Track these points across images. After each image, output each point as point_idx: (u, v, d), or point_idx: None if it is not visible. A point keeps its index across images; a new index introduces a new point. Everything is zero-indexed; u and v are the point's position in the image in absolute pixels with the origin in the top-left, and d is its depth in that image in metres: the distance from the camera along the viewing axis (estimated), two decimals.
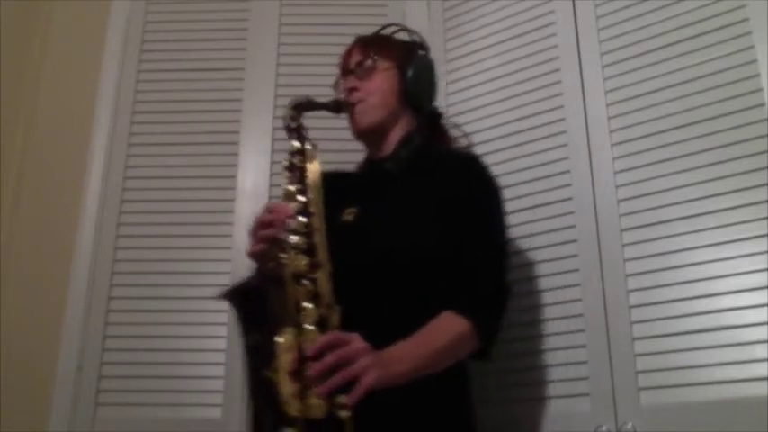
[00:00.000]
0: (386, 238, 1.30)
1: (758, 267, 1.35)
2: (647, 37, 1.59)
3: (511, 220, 1.65)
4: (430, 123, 1.52)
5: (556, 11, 1.74)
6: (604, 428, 1.40)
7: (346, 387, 1.06)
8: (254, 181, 1.84)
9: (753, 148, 1.41)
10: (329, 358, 1.06)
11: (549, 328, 1.53)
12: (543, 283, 1.57)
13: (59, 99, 1.99)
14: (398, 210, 1.34)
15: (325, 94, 1.85)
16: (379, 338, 1.13)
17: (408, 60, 1.48)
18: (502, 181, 1.68)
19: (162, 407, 1.69)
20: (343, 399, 1.06)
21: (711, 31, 1.51)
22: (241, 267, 1.75)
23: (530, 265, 1.60)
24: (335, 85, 1.53)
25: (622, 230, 1.50)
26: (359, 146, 1.52)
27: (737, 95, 1.45)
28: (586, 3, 1.69)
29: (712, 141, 1.45)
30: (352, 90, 1.45)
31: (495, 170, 1.69)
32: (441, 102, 1.85)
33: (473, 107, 1.80)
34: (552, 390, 1.49)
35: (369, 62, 1.47)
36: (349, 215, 1.36)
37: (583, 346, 1.48)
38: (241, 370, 1.66)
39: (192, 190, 1.86)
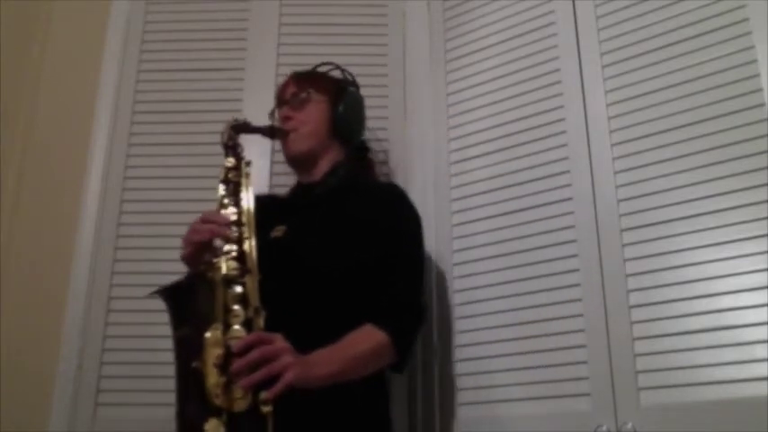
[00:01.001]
0: (311, 254, 1.41)
1: (758, 267, 1.35)
2: (647, 37, 1.59)
3: (511, 220, 1.65)
4: (357, 155, 1.66)
5: (556, 11, 1.74)
6: (604, 428, 1.40)
7: (268, 384, 1.14)
8: (254, 181, 1.83)
9: (753, 148, 1.41)
10: (254, 354, 1.15)
11: (549, 328, 1.53)
12: (543, 283, 1.57)
13: (59, 99, 1.99)
14: (324, 229, 1.46)
15: None
16: (302, 345, 1.21)
17: (339, 96, 1.62)
18: (502, 181, 1.70)
19: (162, 407, 1.68)
20: (265, 394, 1.13)
21: (711, 31, 1.51)
22: None
23: (530, 265, 1.60)
24: (271, 114, 1.66)
25: (622, 230, 1.50)
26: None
27: (737, 95, 1.45)
28: (586, 3, 1.69)
29: (712, 141, 1.45)
30: (286, 119, 1.58)
31: (495, 170, 1.72)
32: (441, 102, 1.86)
33: (473, 107, 1.80)
34: (552, 390, 1.49)
35: (303, 94, 1.60)
36: (278, 232, 1.46)
37: (583, 346, 1.48)
38: None
39: (191, 190, 1.85)
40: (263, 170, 1.85)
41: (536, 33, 1.76)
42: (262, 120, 1.88)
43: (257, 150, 1.86)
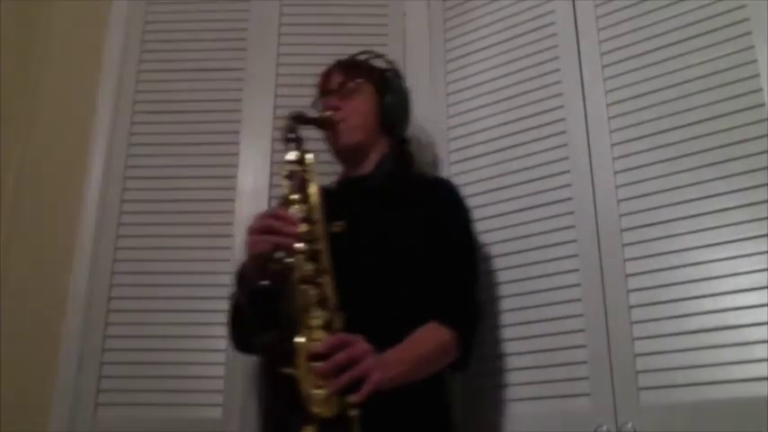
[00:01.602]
0: (373, 249, 1.39)
1: (758, 267, 1.35)
2: (647, 37, 1.59)
3: (511, 220, 1.65)
4: (400, 148, 1.61)
5: (556, 11, 1.74)
6: (604, 428, 1.40)
7: (353, 386, 1.12)
8: (254, 181, 1.84)
9: (753, 148, 1.41)
10: (340, 356, 1.12)
11: (549, 328, 1.53)
12: (543, 283, 1.57)
13: (59, 99, 1.99)
14: (383, 223, 1.43)
15: None
16: (371, 340, 1.18)
17: (388, 87, 1.59)
18: (502, 181, 1.70)
19: (162, 407, 1.69)
20: (353, 397, 1.11)
21: (711, 31, 1.51)
22: None
23: (530, 265, 1.60)
24: (313, 104, 1.59)
25: (622, 230, 1.50)
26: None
27: (737, 95, 1.45)
28: (586, 3, 1.69)
29: (712, 141, 1.45)
30: (334, 108, 1.53)
31: (495, 170, 1.72)
32: (441, 102, 1.86)
33: (473, 107, 1.80)
34: (552, 390, 1.49)
35: (351, 84, 1.55)
36: (337, 227, 1.40)
37: (583, 346, 1.48)
38: (241, 370, 1.67)
39: (192, 190, 1.85)
40: (264, 170, 1.85)
41: (536, 33, 1.76)
42: (262, 119, 1.90)
43: (257, 150, 1.87)
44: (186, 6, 2.03)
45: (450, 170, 1.79)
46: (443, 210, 1.47)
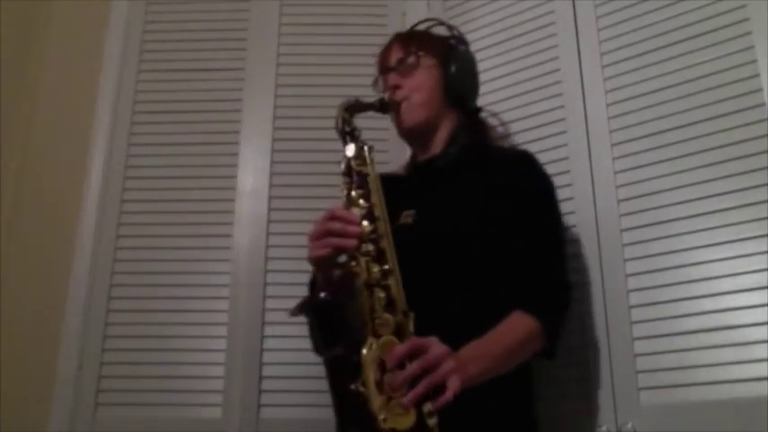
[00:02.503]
0: (449, 239, 1.28)
1: (758, 267, 1.35)
2: (647, 37, 1.59)
3: None
4: (473, 119, 1.51)
5: (556, 11, 1.74)
6: (604, 428, 1.40)
7: (429, 393, 1.05)
8: (254, 181, 1.84)
9: (753, 148, 1.40)
10: (413, 367, 1.04)
11: None
12: None
13: (59, 99, 1.99)
14: (457, 207, 1.32)
15: (325, 93, 1.87)
16: (450, 338, 1.10)
17: (451, 56, 1.47)
18: None
19: (162, 407, 1.69)
20: (429, 406, 1.04)
21: (711, 31, 1.51)
22: (241, 267, 1.76)
23: None
24: (374, 84, 1.50)
25: (622, 230, 1.50)
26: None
27: (737, 95, 1.45)
28: (586, 3, 1.69)
29: (712, 141, 1.45)
30: (395, 88, 1.42)
31: None
32: None
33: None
34: (552, 390, 1.49)
35: (411, 59, 1.44)
36: (407, 218, 1.33)
37: (583, 346, 1.48)
38: (241, 370, 1.67)
39: (191, 190, 1.85)
40: (264, 170, 1.85)
41: (536, 33, 1.76)
42: (262, 119, 1.90)
43: (257, 150, 1.87)
44: (186, 6, 2.03)
45: None
46: (523, 185, 1.35)
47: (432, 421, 1.04)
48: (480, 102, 1.78)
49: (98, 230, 1.83)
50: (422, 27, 1.60)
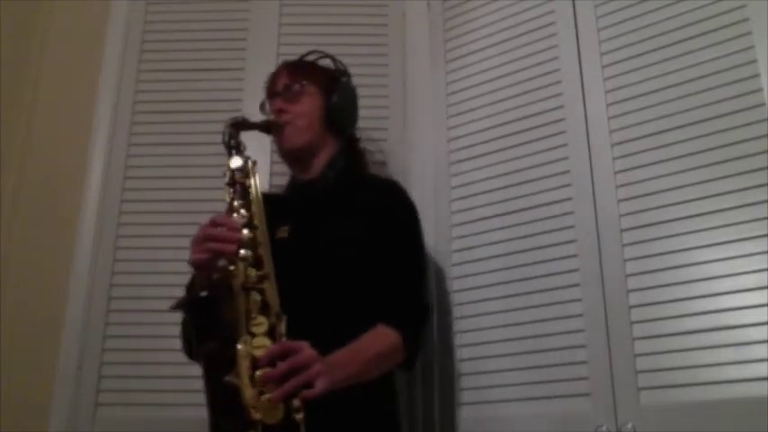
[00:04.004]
0: (318, 254, 1.41)
1: (758, 267, 1.35)
2: (647, 37, 1.59)
3: (511, 220, 1.65)
4: (350, 147, 1.63)
5: (556, 11, 1.74)
6: (604, 428, 1.40)
7: (297, 391, 1.14)
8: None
9: (753, 148, 1.40)
10: (283, 365, 1.13)
11: (549, 328, 1.53)
12: (543, 283, 1.57)
13: (59, 99, 1.99)
14: (329, 227, 1.45)
15: None
16: (318, 344, 1.20)
17: (333, 86, 1.59)
18: (502, 181, 1.70)
19: (162, 407, 1.69)
20: (297, 402, 1.12)
21: (711, 31, 1.51)
22: None
23: (530, 265, 1.60)
24: (261, 107, 1.61)
25: (622, 230, 1.50)
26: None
27: (737, 95, 1.45)
28: (586, 3, 1.69)
29: (712, 141, 1.45)
30: (279, 111, 1.54)
31: (495, 170, 1.72)
32: (441, 102, 1.86)
33: (473, 107, 1.80)
34: (552, 390, 1.49)
35: (297, 86, 1.56)
36: (283, 232, 1.44)
37: (583, 346, 1.48)
38: None
39: (191, 190, 1.85)
40: (263, 170, 1.84)
41: (536, 33, 1.76)
42: (262, 119, 1.90)
43: (257, 150, 1.87)
44: (186, 6, 2.03)
45: (451, 170, 1.79)
46: (388, 213, 1.48)
47: (299, 416, 1.12)
48: (480, 101, 1.79)
49: (98, 230, 1.83)
50: (310, 58, 1.69)
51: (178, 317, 1.74)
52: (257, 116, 1.59)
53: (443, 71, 1.89)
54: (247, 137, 1.48)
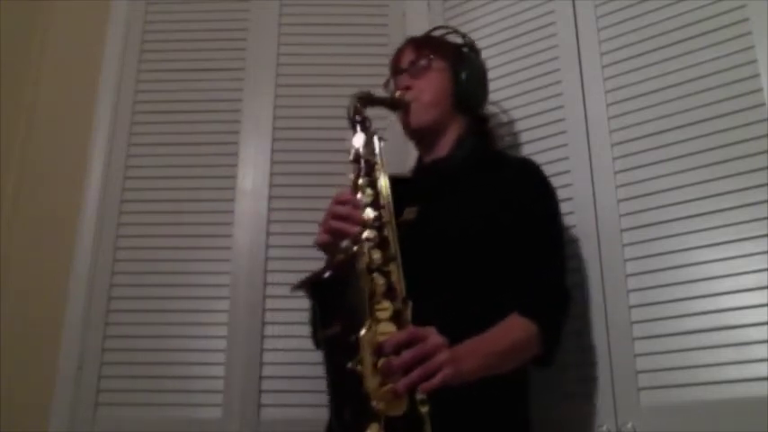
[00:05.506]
0: (450, 235, 1.30)
1: (758, 267, 1.35)
2: (647, 37, 1.59)
3: None
4: (480, 127, 1.52)
5: (556, 11, 1.74)
6: (604, 428, 1.40)
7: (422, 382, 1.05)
8: (254, 181, 1.84)
9: (753, 148, 1.41)
10: (409, 354, 1.05)
11: None
12: None
13: (59, 99, 1.99)
14: (460, 207, 1.34)
15: (324, 93, 1.87)
16: (446, 333, 1.10)
17: (462, 62, 1.49)
18: None
19: (162, 407, 1.69)
20: (422, 395, 1.04)
21: (711, 31, 1.51)
22: (241, 267, 1.76)
23: None
24: (386, 85, 1.53)
25: (622, 230, 1.50)
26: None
27: (737, 95, 1.45)
28: (586, 3, 1.69)
29: (712, 141, 1.45)
30: (406, 88, 1.45)
31: None
32: None
33: None
34: (552, 390, 1.49)
35: (423, 61, 1.46)
36: (410, 214, 1.33)
37: (583, 347, 1.48)
38: (241, 370, 1.67)
39: (192, 190, 1.85)
40: (264, 170, 1.85)
41: (536, 33, 1.76)
42: (262, 119, 1.90)
43: (257, 150, 1.87)
44: (186, 6, 2.03)
45: None
46: (525, 193, 1.36)
47: (423, 409, 1.03)
48: None
49: (98, 230, 1.83)
50: (437, 33, 1.61)
51: (178, 317, 1.75)
52: (263, 118, 1.59)
53: None
54: (249, 138, 1.47)
